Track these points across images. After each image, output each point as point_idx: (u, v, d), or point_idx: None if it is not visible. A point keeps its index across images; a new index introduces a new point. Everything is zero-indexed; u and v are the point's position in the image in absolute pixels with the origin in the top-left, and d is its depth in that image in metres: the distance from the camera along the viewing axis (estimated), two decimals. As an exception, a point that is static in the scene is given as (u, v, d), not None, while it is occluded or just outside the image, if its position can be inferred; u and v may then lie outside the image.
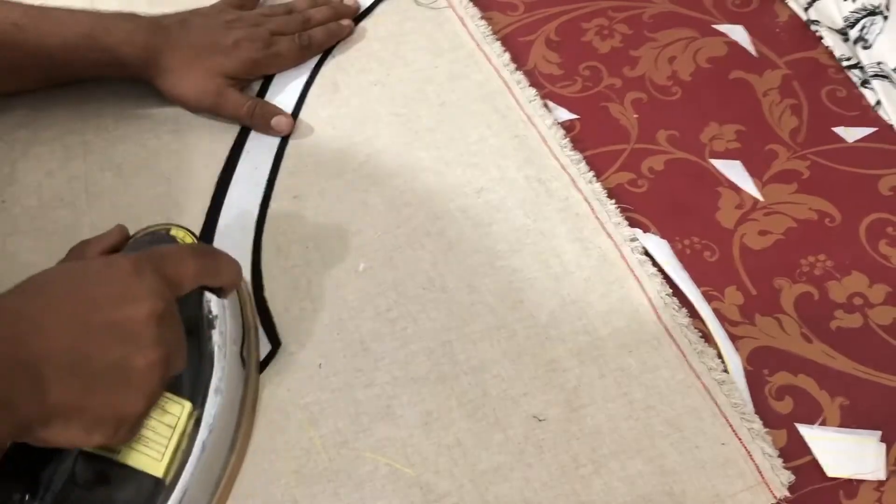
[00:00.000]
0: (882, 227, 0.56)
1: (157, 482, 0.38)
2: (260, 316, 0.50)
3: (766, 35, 0.67)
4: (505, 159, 0.58)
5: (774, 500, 0.44)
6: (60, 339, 0.33)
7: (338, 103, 0.61)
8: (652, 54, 0.65)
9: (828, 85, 0.64)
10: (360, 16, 0.67)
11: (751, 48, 0.66)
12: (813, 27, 0.67)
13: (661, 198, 0.57)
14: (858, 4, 0.64)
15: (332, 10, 0.65)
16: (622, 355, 0.49)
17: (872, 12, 0.63)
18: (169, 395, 0.39)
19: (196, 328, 0.42)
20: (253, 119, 0.58)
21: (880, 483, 0.45)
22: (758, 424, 0.46)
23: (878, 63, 0.62)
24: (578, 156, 0.58)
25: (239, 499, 0.44)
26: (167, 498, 0.38)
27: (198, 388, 0.41)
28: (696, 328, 0.50)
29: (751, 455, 0.45)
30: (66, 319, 0.34)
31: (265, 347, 0.49)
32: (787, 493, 0.44)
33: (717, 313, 0.51)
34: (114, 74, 0.58)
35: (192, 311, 0.42)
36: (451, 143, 0.59)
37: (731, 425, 0.46)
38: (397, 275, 0.52)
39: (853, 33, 0.64)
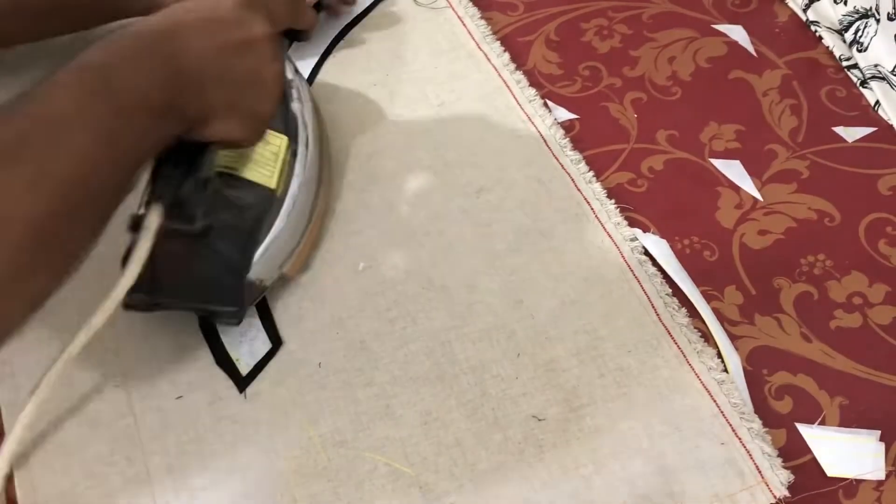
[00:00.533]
0: (881, 226, 0.56)
1: (271, 192, 0.47)
2: (260, 315, 0.50)
3: (765, 35, 0.67)
4: (505, 159, 0.58)
5: (774, 500, 0.44)
6: (207, 53, 0.39)
7: (338, 103, 0.61)
8: (651, 54, 0.65)
9: (827, 85, 0.64)
10: (359, 16, 0.67)
11: (750, 48, 0.66)
12: (812, 27, 0.67)
13: (660, 198, 0.57)
14: (851, 7, 0.64)
15: None
16: (622, 355, 0.49)
17: (865, 15, 0.63)
18: (271, 130, 0.48)
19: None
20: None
21: (879, 482, 0.45)
22: (757, 424, 0.46)
23: (876, 65, 0.62)
24: (578, 156, 0.58)
25: (238, 498, 0.44)
26: (280, 205, 0.48)
27: (290, 131, 0.50)
28: (695, 328, 0.50)
29: (750, 455, 0.45)
30: (208, 38, 0.39)
31: (265, 346, 0.49)
32: (787, 493, 0.44)
33: (717, 313, 0.51)
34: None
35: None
36: (451, 143, 0.59)
37: (730, 425, 0.46)
38: (397, 274, 0.52)
39: (848, 36, 0.64)
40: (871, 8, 0.63)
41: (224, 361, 0.48)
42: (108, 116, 0.34)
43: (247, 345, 0.49)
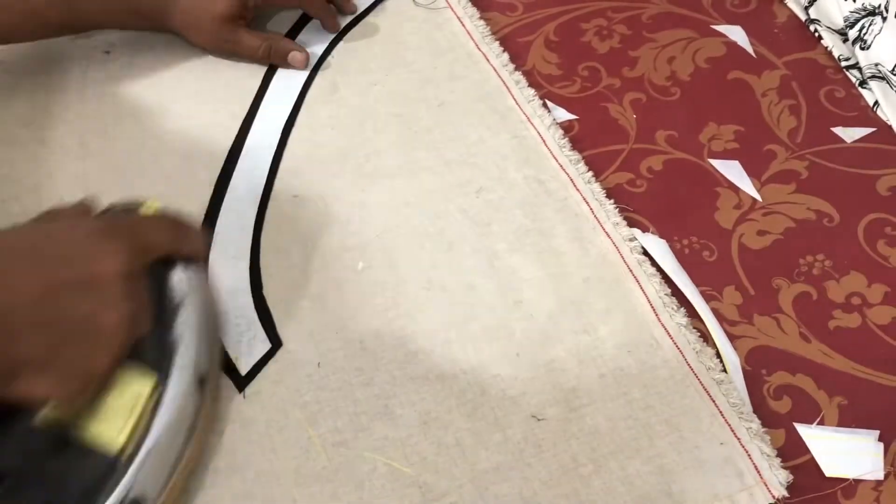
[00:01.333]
0: (881, 226, 0.56)
1: (114, 455, 0.37)
2: (259, 315, 0.50)
3: (764, 35, 0.67)
4: (504, 159, 0.58)
5: (773, 500, 0.44)
6: (29, 293, 0.33)
7: (337, 103, 0.61)
8: (651, 55, 0.65)
9: (826, 85, 0.64)
10: (359, 17, 0.67)
11: (749, 49, 0.66)
12: (812, 27, 0.67)
13: (659, 198, 0.57)
14: (858, 4, 0.64)
15: None
16: (621, 355, 0.49)
17: (872, 12, 0.63)
18: (136, 369, 0.39)
19: (166, 306, 0.41)
20: (270, 58, 0.62)
21: (878, 482, 0.45)
22: (756, 424, 0.46)
23: (876, 64, 0.62)
24: (577, 156, 0.58)
25: (238, 498, 0.44)
26: (126, 469, 0.37)
27: (163, 365, 0.40)
28: (694, 328, 0.50)
29: (749, 455, 0.45)
30: (35, 275, 0.33)
31: (265, 346, 0.49)
32: (786, 493, 0.44)
33: (716, 313, 0.51)
34: (137, 25, 0.60)
35: (162, 289, 0.41)
36: (451, 144, 0.59)
37: (729, 425, 0.46)
38: (396, 274, 0.52)
39: (852, 33, 0.64)
40: (879, 5, 0.63)
41: (223, 361, 0.48)
42: None
43: (246, 345, 0.49)
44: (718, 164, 0.59)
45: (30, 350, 0.33)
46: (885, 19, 0.62)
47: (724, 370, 0.49)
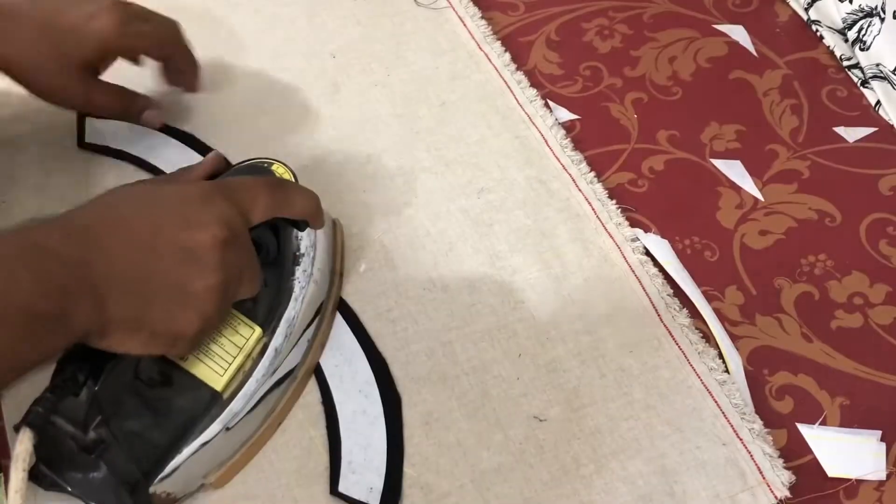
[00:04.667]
0: (882, 226, 0.56)
1: (214, 394, 0.41)
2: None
3: (766, 35, 0.67)
4: (505, 160, 0.58)
5: (775, 501, 0.44)
6: (125, 257, 0.34)
7: (338, 104, 0.61)
8: (652, 54, 0.65)
9: (828, 85, 0.64)
10: (359, 17, 0.67)
11: (751, 48, 0.66)
12: (813, 27, 0.67)
13: (661, 198, 0.57)
14: (856, 6, 0.64)
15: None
16: (623, 355, 0.49)
17: (870, 14, 0.63)
18: (242, 317, 0.42)
19: (283, 261, 0.44)
20: (126, 116, 0.54)
21: (880, 483, 0.45)
22: (758, 425, 0.46)
23: (877, 64, 0.62)
24: (579, 156, 0.58)
25: (238, 499, 0.44)
26: (221, 411, 0.41)
27: (271, 318, 0.43)
28: (696, 328, 0.50)
29: (751, 455, 0.45)
30: (133, 239, 0.34)
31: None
32: (788, 494, 0.44)
33: (718, 313, 0.51)
34: None
35: (283, 245, 0.45)
36: (452, 144, 0.59)
37: (731, 425, 0.46)
38: (398, 275, 0.52)
39: (851, 34, 0.64)
40: (876, 6, 0.63)
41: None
42: None
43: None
44: (720, 164, 0.59)
45: (122, 312, 0.34)
46: (882, 20, 0.62)
47: (727, 370, 0.49)
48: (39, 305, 0.31)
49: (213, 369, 0.41)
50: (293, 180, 0.47)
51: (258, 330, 0.43)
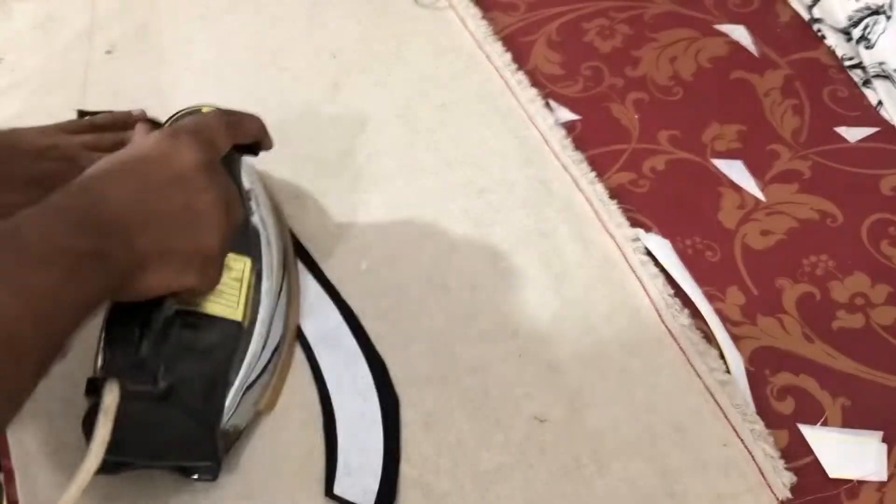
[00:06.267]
0: (884, 227, 0.55)
1: (237, 325, 0.43)
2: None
3: (767, 35, 0.67)
4: (506, 160, 0.58)
5: (776, 502, 0.44)
6: (128, 196, 0.36)
7: (338, 104, 0.61)
8: (653, 54, 0.65)
9: (829, 85, 0.64)
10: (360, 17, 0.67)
11: (752, 48, 0.66)
12: (816, 26, 0.67)
13: (662, 198, 0.57)
14: (862, 3, 0.64)
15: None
16: (624, 356, 0.49)
17: (876, 12, 0.63)
18: (231, 254, 0.44)
19: (242, 196, 0.46)
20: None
21: (882, 484, 0.45)
22: (759, 425, 0.46)
23: (880, 63, 0.62)
24: (580, 156, 0.58)
25: (239, 498, 0.44)
26: (249, 337, 0.44)
27: (252, 247, 0.47)
28: (697, 328, 0.50)
29: (753, 456, 0.45)
30: (128, 182, 0.37)
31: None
32: (789, 495, 0.44)
33: (719, 313, 0.51)
34: None
35: (234, 181, 0.45)
36: (453, 144, 0.59)
37: (732, 426, 0.46)
38: (399, 275, 0.52)
39: (856, 32, 0.64)
40: (883, 5, 0.62)
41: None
42: (17, 268, 0.31)
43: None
44: (721, 164, 0.59)
45: (147, 244, 0.36)
46: (889, 18, 0.62)
47: (728, 371, 0.48)
48: (79, 244, 0.33)
49: (226, 305, 0.43)
50: None
51: (248, 259, 0.45)
